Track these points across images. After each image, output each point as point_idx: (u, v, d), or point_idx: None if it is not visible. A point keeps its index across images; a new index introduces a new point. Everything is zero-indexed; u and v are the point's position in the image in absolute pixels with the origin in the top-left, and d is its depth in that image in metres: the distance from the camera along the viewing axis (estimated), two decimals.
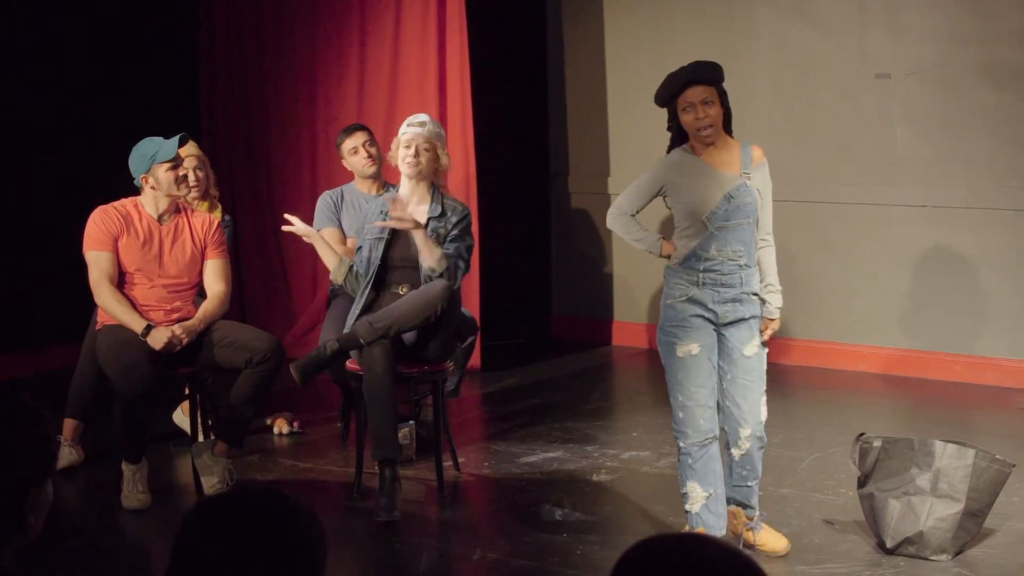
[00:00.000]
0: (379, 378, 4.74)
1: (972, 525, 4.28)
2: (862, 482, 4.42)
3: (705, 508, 4.23)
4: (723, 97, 4.15)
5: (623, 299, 7.90)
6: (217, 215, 5.70)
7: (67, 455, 5.37)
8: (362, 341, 4.76)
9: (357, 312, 4.97)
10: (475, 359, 6.76)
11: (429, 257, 4.84)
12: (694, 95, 4.11)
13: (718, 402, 4.26)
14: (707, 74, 4.14)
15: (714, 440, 4.23)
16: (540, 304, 8.19)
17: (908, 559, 4.26)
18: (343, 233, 5.85)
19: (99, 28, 7.38)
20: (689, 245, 4.18)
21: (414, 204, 5.01)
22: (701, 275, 4.16)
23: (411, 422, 5.53)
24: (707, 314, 4.17)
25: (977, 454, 4.25)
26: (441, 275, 4.84)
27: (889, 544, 4.29)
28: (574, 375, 7.18)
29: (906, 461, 4.32)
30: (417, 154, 4.95)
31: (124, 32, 7.51)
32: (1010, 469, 4.30)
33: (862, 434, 4.47)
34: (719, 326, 4.20)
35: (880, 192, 6.87)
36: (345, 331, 4.93)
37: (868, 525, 4.44)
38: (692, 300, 4.17)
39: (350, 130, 6.01)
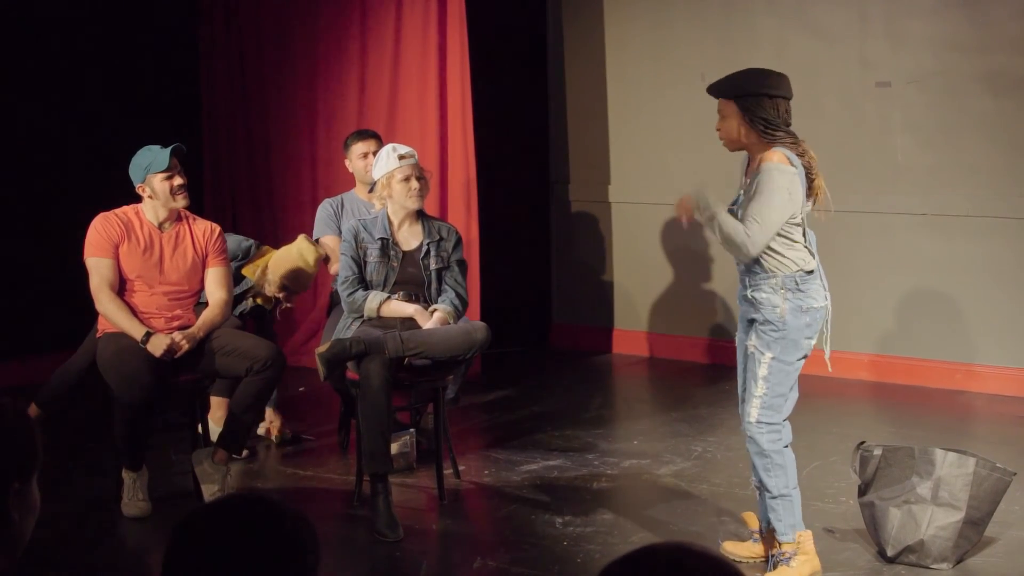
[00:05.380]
0: (374, 392, 4.73)
1: (973, 534, 4.28)
2: (863, 490, 4.42)
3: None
4: (743, 107, 4.05)
5: (623, 307, 7.90)
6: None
7: None
8: (388, 354, 4.77)
9: (359, 323, 5.02)
10: (475, 367, 6.77)
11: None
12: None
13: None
14: (715, 86, 4.14)
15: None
16: (540, 312, 8.19)
17: (909, 568, 4.26)
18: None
19: (98, 29, 7.39)
20: None
21: (406, 229, 5.13)
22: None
23: (411, 430, 5.53)
24: (742, 309, 4.21)
25: (978, 463, 4.25)
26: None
27: (890, 552, 4.29)
28: (574, 383, 7.17)
29: (907, 469, 4.32)
30: (420, 183, 5.07)
31: (124, 33, 7.51)
32: (1010, 478, 4.30)
33: (862, 442, 4.47)
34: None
35: (880, 200, 6.87)
36: (342, 336, 4.95)
37: (869, 533, 4.44)
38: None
39: (363, 134, 6.01)
